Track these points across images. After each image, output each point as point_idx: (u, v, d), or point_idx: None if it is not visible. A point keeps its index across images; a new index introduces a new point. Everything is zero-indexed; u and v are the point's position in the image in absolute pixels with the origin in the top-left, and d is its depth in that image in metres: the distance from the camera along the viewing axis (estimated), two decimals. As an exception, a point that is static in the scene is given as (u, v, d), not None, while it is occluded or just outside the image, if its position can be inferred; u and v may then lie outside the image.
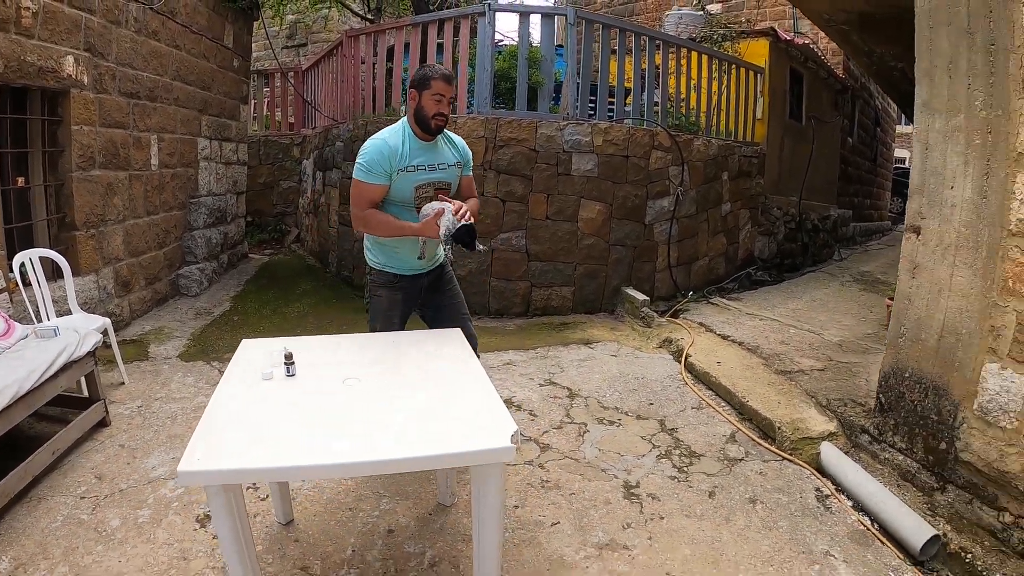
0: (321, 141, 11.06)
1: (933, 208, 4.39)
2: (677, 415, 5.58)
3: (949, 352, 4.25)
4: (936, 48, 4.37)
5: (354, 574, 3.50)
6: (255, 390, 3.09)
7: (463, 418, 2.87)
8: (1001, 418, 3.90)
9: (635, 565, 3.67)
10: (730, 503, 4.30)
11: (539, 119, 8.27)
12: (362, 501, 4.16)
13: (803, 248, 12.90)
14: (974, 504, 4.07)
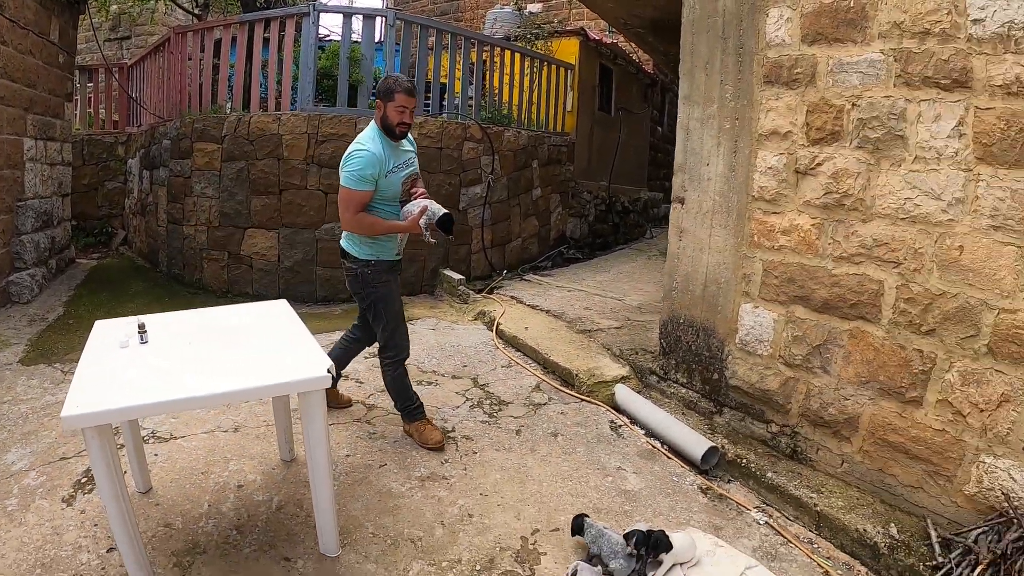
0: (148, 139, 10.97)
1: (694, 182, 5.30)
2: (488, 373, 6.32)
3: (712, 298, 5.18)
4: (697, 51, 5.29)
5: (211, 524, 3.96)
6: (115, 355, 3.51)
7: (289, 360, 3.49)
8: (758, 347, 4.87)
9: (452, 490, 4.41)
10: (534, 438, 5.10)
11: (359, 115, 8.72)
12: (212, 465, 4.59)
13: (614, 228, 13.77)
14: (746, 420, 5.03)
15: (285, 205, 8.58)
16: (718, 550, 3.81)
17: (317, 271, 8.74)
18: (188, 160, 9.10)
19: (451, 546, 3.87)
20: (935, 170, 3.83)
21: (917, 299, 3.95)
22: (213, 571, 3.56)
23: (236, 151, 8.69)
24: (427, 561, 3.73)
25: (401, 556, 3.76)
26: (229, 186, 8.74)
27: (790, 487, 4.39)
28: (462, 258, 9.66)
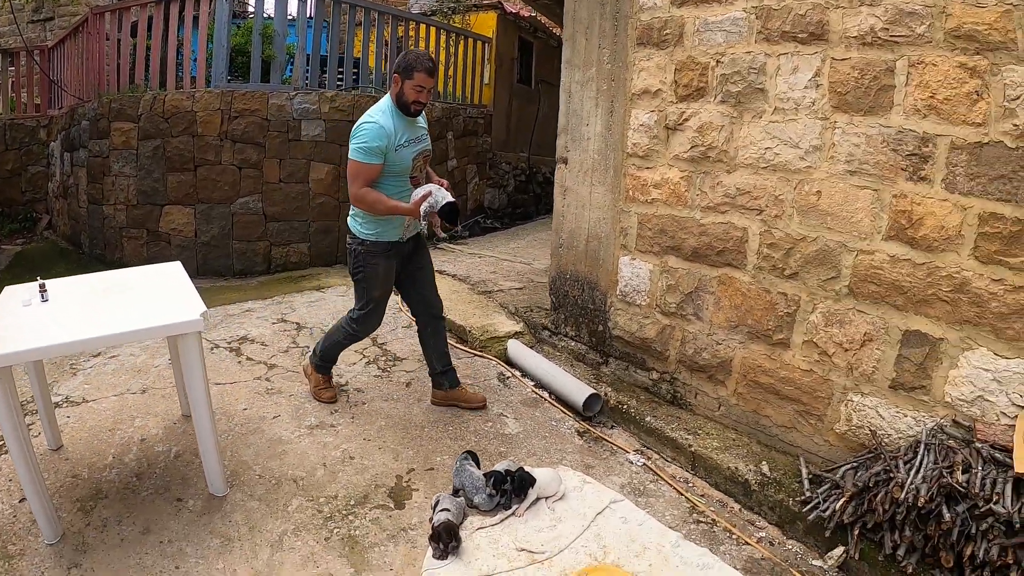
0: (68, 121, 10.71)
1: (575, 142, 5.31)
2: (388, 333, 6.32)
3: (595, 253, 5.20)
4: (578, 17, 5.27)
5: (114, 473, 4.07)
6: (18, 313, 3.64)
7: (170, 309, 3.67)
8: (637, 298, 4.90)
9: (338, 436, 4.52)
10: (423, 389, 5.15)
11: (271, 90, 8.62)
12: (120, 423, 4.65)
13: (535, 198, 13.79)
14: (630, 369, 5.07)
15: (200, 181, 8.44)
16: (585, 486, 3.87)
17: (233, 245, 8.65)
18: (106, 140, 8.90)
19: (330, 484, 4.03)
20: (793, 120, 3.86)
21: (779, 244, 3.99)
22: (112, 512, 3.73)
23: (152, 129, 8.52)
24: (306, 497, 3.90)
25: (283, 494, 3.93)
26: (146, 164, 8.58)
27: (667, 430, 4.43)
28: (376, 228, 9.53)
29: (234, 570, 3.35)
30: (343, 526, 3.67)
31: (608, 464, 4.27)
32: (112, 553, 3.43)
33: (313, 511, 3.79)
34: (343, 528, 3.65)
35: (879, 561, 3.28)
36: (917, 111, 3.38)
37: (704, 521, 3.76)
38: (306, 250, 9.01)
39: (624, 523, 3.59)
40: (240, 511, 3.77)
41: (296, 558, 3.43)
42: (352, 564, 3.39)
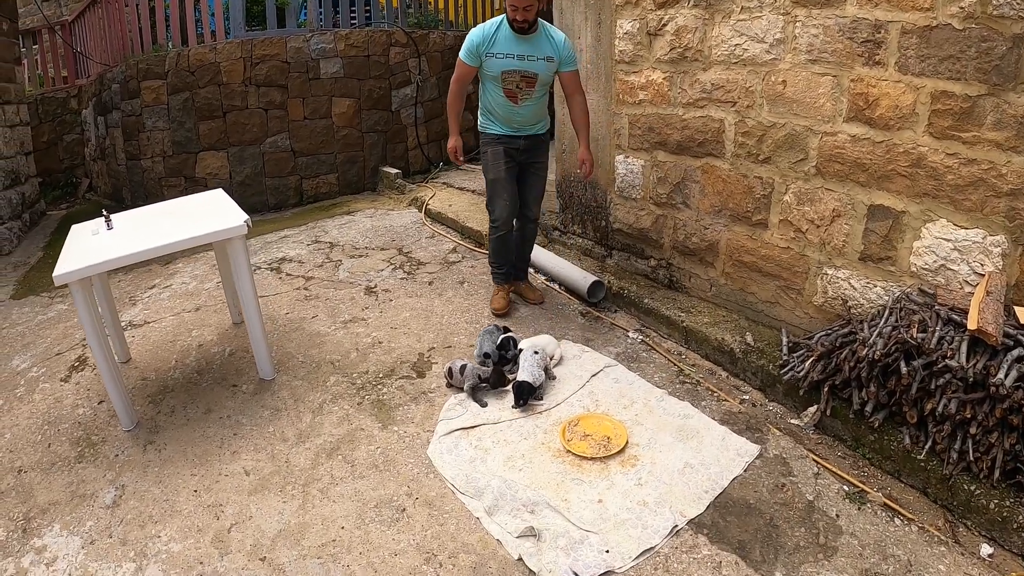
0: (98, 88, 11.11)
1: (570, 55, 5.64)
2: (413, 244, 6.90)
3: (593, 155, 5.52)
4: (562, -66, 5.55)
5: (178, 373, 4.85)
6: (89, 239, 4.31)
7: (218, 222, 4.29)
8: (632, 192, 5.30)
9: (369, 327, 5.19)
10: (443, 286, 5.78)
11: (288, 34, 8.98)
12: (179, 336, 5.39)
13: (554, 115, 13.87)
14: (631, 259, 5.49)
15: (230, 126, 8.89)
16: (584, 354, 4.36)
17: (266, 182, 9.18)
18: (137, 99, 9.30)
19: (361, 363, 4.73)
20: (758, 17, 4.11)
21: (752, 132, 4.29)
22: (178, 401, 4.47)
23: (180, 84, 8.91)
24: (341, 375, 4.61)
25: (322, 373, 4.64)
26: (178, 116, 8.99)
27: (663, 309, 4.83)
28: (400, 155, 10.04)
29: (283, 431, 4.03)
30: (373, 393, 4.35)
31: (606, 337, 4.76)
32: (180, 430, 4.13)
33: (348, 384, 4.47)
34: (373, 395, 4.33)
35: (849, 418, 3.57)
36: (869, 0, 3.59)
37: (689, 383, 4.18)
38: (334, 180, 9.52)
39: (616, 383, 4.05)
40: (286, 389, 4.48)
41: (333, 419, 4.11)
42: (379, 420, 4.07)
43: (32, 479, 3.84)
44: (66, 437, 4.20)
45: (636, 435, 3.57)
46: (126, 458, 3.92)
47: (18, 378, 5.08)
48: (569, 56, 4.69)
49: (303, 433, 3.97)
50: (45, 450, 4.09)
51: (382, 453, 3.75)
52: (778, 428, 3.74)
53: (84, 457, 3.97)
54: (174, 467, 3.78)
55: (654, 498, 3.17)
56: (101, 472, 3.81)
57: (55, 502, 3.63)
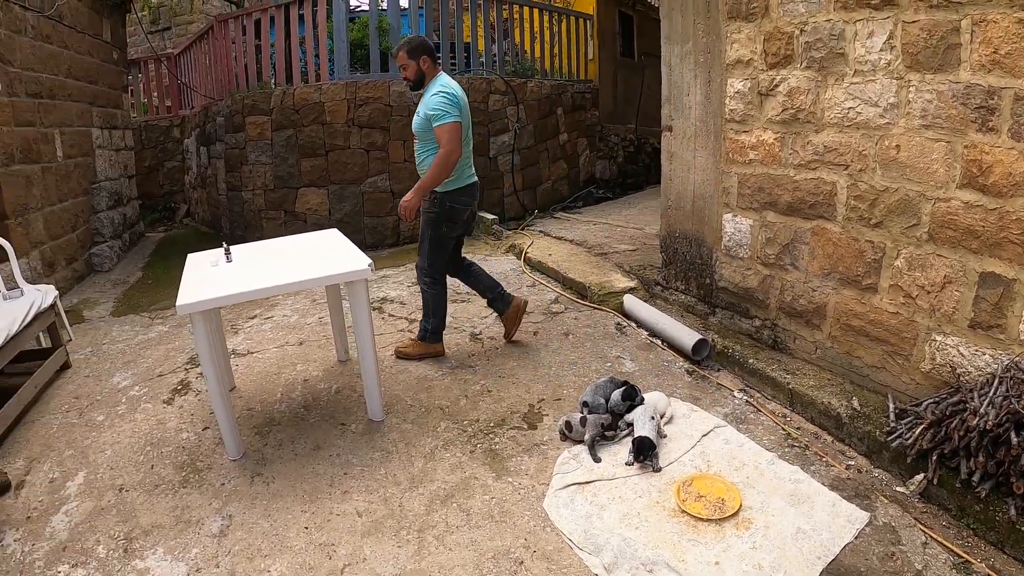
0: (202, 119, 11.70)
1: (678, 111, 5.79)
2: (515, 292, 6.87)
3: (700, 212, 5.69)
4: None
5: (284, 406, 4.99)
6: (208, 272, 4.54)
7: (345, 263, 4.45)
8: (740, 251, 5.36)
9: (476, 374, 5.28)
10: (548, 336, 5.86)
11: (391, 79, 9.36)
12: (283, 368, 5.58)
13: (645, 168, 14.01)
14: (734, 318, 5.53)
15: (332, 165, 9.27)
16: (692, 413, 4.41)
17: (364, 221, 9.50)
18: (242, 133, 9.77)
19: (472, 411, 4.79)
20: (872, 80, 4.19)
21: (865, 196, 4.33)
22: (285, 435, 4.60)
23: (284, 121, 9.36)
24: (452, 421, 4.67)
25: (432, 419, 4.71)
26: (280, 152, 9.44)
27: (768, 371, 4.86)
28: (495, 201, 10.29)
29: (395, 475, 4.07)
30: (485, 442, 4.38)
31: (713, 397, 4.77)
32: (288, 465, 4.22)
33: (458, 431, 4.52)
34: (485, 443, 4.36)
35: (956, 487, 3.53)
36: (982, 66, 3.62)
37: (797, 446, 4.18)
38: (430, 223, 9.68)
39: (726, 444, 4.08)
40: (396, 431, 4.56)
41: (446, 466, 4.14)
42: (493, 470, 4.08)
43: (134, 499, 3.96)
44: (170, 460, 4.34)
45: (749, 498, 3.61)
46: (233, 488, 4.02)
47: (119, 395, 5.34)
48: (435, 113, 4.92)
49: (415, 478, 4.03)
50: (148, 471, 4.24)
51: (497, 504, 3.77)
52: (885, 495, 3.73)
53: (189, 482, 4.09)
54: (283, 502, 3.86)
55: (769, 563, 3.20)
56: (207, 499, 3.91)
57: (158, 525, 3.73)
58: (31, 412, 5.17)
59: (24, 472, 4.35)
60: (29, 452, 4.60)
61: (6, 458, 4.54)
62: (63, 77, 9.05)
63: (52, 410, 5.20)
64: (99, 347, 6.47)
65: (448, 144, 4.89)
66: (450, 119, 4.87)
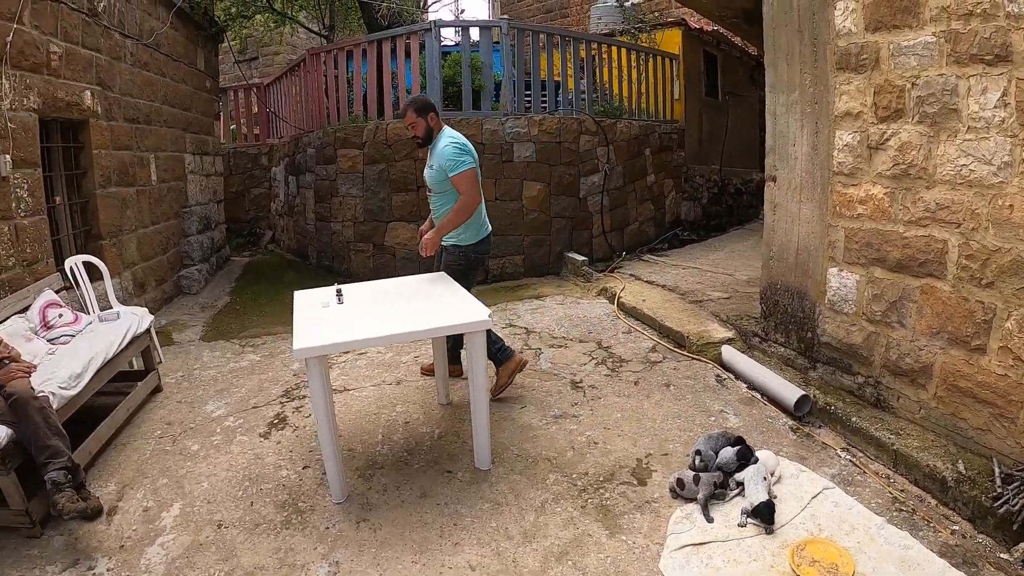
0: (292, 149, 12.05)
1: (782, 161, 5.81)
2: (611, 338, 7.03)
3: (804, 265, 5.68)
4: (778, 44, 5.81)
5: (385, 449, 5.00)
6: (320, 313, 4.62)
7: (458, 309, 4.54)
8: (844, 307, 5.33)
9: (581, 424, 5.24)
10: (649, 387, 5.82)
11: (483, 116, 9.59)
12: (382, 409, 5.63)
13: (728, 210, 14.08)
14: (836, 374, 5.48)
15: (423, 200, 9.26)
16: (801, 474, 4.38)
17: (453, 256, 9.53)
18: (333, 165, 10.06)
19: (579, 463, 4.73)
20: (985, 138, 4.16)
21: (976, 255, 4.29)
22: (390, 479, 4.59)
23: (376, 155, 9.62)
24: (561, 473, 4.61)
25: (540, 470, 4.66)
26: (371, 186, 9.70)
27: (871, 430, 4.80)
28: (584, 242, 10.36)
29: (506, 528, 4.02)
30: (595, 497, 4.31)
31: (820, 457, 4.71)
32: (395, 512, 4.20)
33: (568, 484, 4.46)
34: (596, 499, 4.29)
35: None
36: None
37: (904, 510, 4.11)
38: (520, 261, 9.91)
39: (835, 507, 4.05)
40: (504, 482, 4.51)
41: (558, 520, 4.08)
42: (606, 527, 4.01)
43: (234, 537, 3.97)
44: (270, 499, 4.36)
45: (861, 563, 3.58)
46: (338, 532, 3.99)
47: (214, 425, 5.44)
48: (448, 163, 5.22)
49: (528, 532, 3.97)
50: (247, 508, 4.26)
51: (612, 563, 3.70)
52: (990, 562, 3.68)
53: (291, 524, 4.08)
54: (392, 551, 3.82)
55: (884, 628, 3.20)
56: (311, 543, 3.90)
57: (261, 567, 3.72)
58: (122, 434, 5.30)
59: (116, 498, 4.43)
60: (121, 477, 4.70)
61: (97, 480, 4.64)
62: (159, 103, 9.44)
63: (144, 434, 5.33)
64: (190, 372, 6.64)
65: (468, 191, 5.28)
66: (466, 167, 5.25)
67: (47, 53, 6.48)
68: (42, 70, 6.42)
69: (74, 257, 6.65)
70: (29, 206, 6.12)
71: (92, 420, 4.95)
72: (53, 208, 6.93)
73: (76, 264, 6.56)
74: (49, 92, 6.53)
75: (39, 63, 6.36)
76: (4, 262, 5.72)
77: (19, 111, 6.02)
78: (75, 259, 6.60)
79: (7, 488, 3.91)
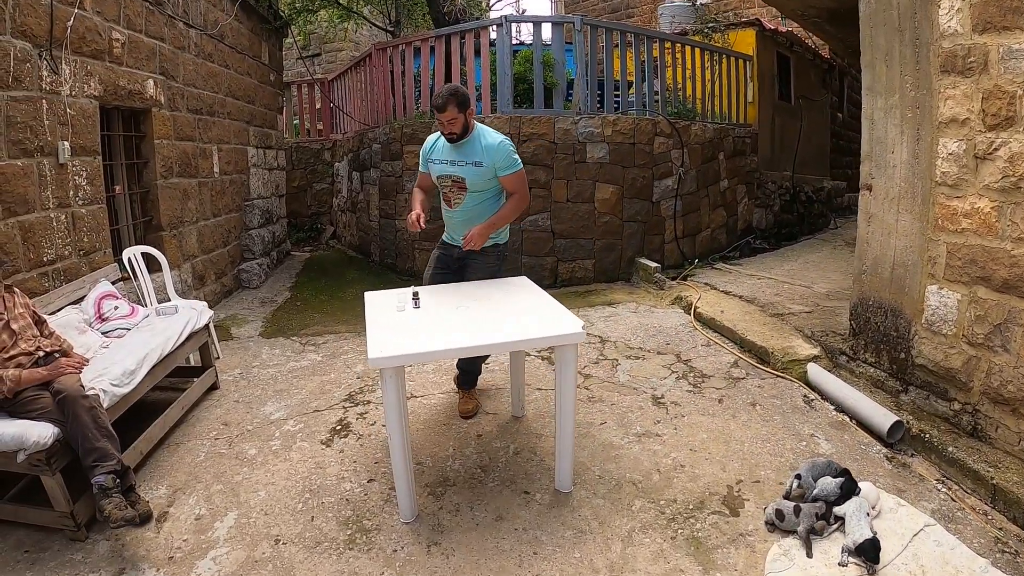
0: (356, 144, 11.99)
1: (879, 169, 5.56)
2: (690, 350, 6.82)
3: (900, 280, 5.42)
4: (876, 44, 5.53)
5: (457, 464, 4.78)
6: (395, 318, 4.40)
7: (549, 319, 4.29)
8: (943, 327, 5.06)
9: (665, 444, 5.01)
10: (735, 406, 5.58)
11: (555, 115, 9.40)
12: (452, 419, 5.43)
13: (799, 218, 13.77)
14: (931, 399, 5.22)
15: (490, 200, 9.22)
16: (900, 508, 4.14)
17: (522, 259, 9.43)
18: (399, 161, 9.97)
19: (667, 489, 4.47)
20: None
21: None
22: (463, 498, 4.35)
23: (443, 152, 9.40)
24: (647, 499, 4.35)
25: (624, 494, 4.40)
26: (437, 183, 9.48)
27: (969, 461, 4.55)
28: (656, 248, 10.16)
29: (591, 560, 3.75)
30: (685, 528, 4.06)
31: (918, 490, 4.46)
32: (469, 535, 3.95)
33: (656, 512, 4.21)
34: (686, 529, 4.04)
35: None
36: None
37: (1008, 551, 3.88)
38: (590, 266, 9.72)
39: (938, 546, 3.83)
40: (587, 507, 4.25)
41: (647, 553, 3.82)
42: (700, 563, 3.74)
43: (293, 554, 3.79)
44: (332, 514, 4.16)
45: (965, 607, 3.40)
46: (407, 556, 3.78)
47: (272, 428, 5.29)
48: (504, 162, 4.99)
49: (615, 566, 3.71)
50: (307, 523, 4.07)
51: None
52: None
53: (355, 543, 3.89)
54: None
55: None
56: (377, 567, 3.69)
57: None
58: (175, 433, 5.20)
59: (167, 503, 4.31)
60: (173, 480, 4.58)
61: (147, 482, 4.53)
62: (223, 95, 9.45)
63: (199, 435, 5.22)
64: (248, 370, 6.54)
65: (523, 190, 5.17)
66: (520, 166, 5.12)
67: (109, 40, 6.46)
68: (104, 57, 6.40)
69: (133, 247, 6.67)
70: (88, 194, 6.11)
71: (145, 416, 4.91)
72: (113, 197, 6.94)
73: (135, 255, 6.57)
74: (111, 80, 6.51)
75: (101, 50, 6.34)
76: (60, 251, 5.69)
77: (79, 98, 6.00)
78: (133, 249, 6.62)
79: (52, 489, 3.86)
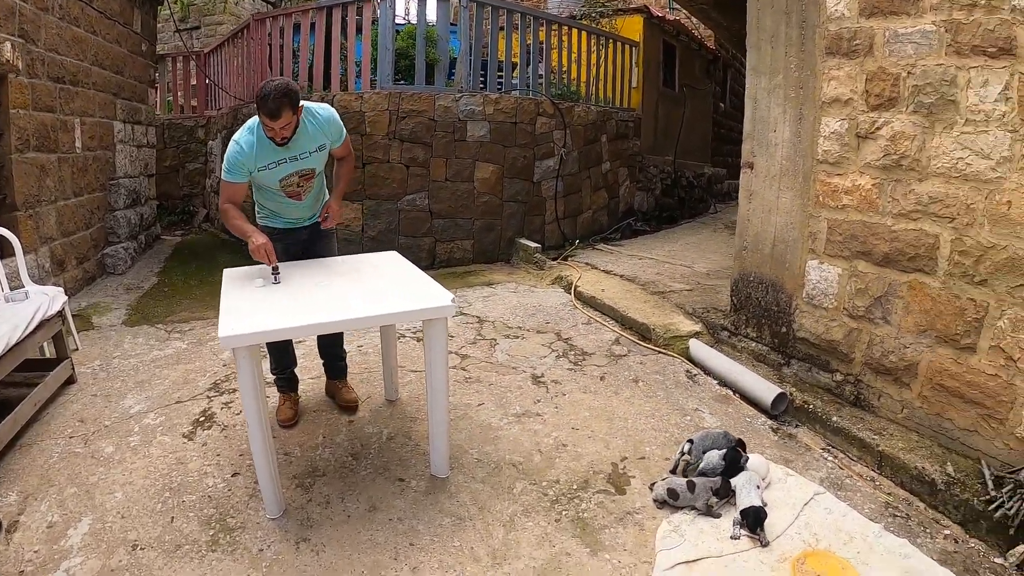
0: (231, 121, 11.50)
1: (761, 148, 5.70)
2: (570, 329, 6.85)
3: (781, 256, 5.58)
4: (763, 25, 5.68)
5: (327, 452, 4.56)
6: (253, 293, 4.08)
7: (417, 293, 4.06)
8: (824, 301, 5.25)
9: (546, 424, 4.96)
10: (617, 383, 5.60)
11: (437, 92, 9.30)
12: (323, 407, 5.18)
13: (680, 202, 14.14)
14: (813, 371, 5.41)
15: (369, 178, 9.15)
16: (788, 478, 4.25)
17: (399, 240, 9.30)
18: (274, 139, 9.63)
19: (549, 470, 4.39)
20: (984, 132, 4.13)
21: (970, 251, 4.25)
22: (333, 489, 4.12)
23: (320, 129, 9.21)
24: (529, 481, 4.25)
25: (505, 477, 4.29)
26: (314, 162, 9.28)
27: (853, 430, 4.73)
28: (536, 228, 10.21)
29: (472, 548, 3.64)
30: (570, 509, 3.99)
31: (805, 459, 4.58)
32: (340, 529, 3.75)
33: (538, 494, 4.12)
34: (570, 511, 3.97)
35: None
36: None
37: (899, 516, 4.02)
38: (469, 247, 9.68)
39: (829, 514, 3.94)
40: (466, 492, 4.13)
41: (531, 537, 3.73)
42: (587, 544, 3.68)
43: (152, 560, 3.51)
44: (194, 513, 3.89)
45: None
46: (274, 555, 3.56)
47: (132, 423, 4.91)
48: (339, 131, 4.60)
49: (497, 552, 3.60)
50: (167, 525, 3.78)
51: None
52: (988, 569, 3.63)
53: (218, 544, 3.63)
54: None
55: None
56: (242, 569, 3.46)
57: None
58: (28, 433, 4.74)
59: (17, 511, 3.91)
60: (24, 485, 4.17)
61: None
62: (88, 64, 8.88)
63: (53, 433, 4.78)
64: (109, 361, 6.11)
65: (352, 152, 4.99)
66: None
67: (-42, -4, 5.90)
68: (-50, 14, 5.82)
69: (-20, 229, 6.15)
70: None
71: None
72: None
73: (-17, 237, 6.06)
74: (-41, 41, 5.95)
75: (-54, 6, 5.75)
76: None
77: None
78: (-19, 231, 6.11)
79: None
